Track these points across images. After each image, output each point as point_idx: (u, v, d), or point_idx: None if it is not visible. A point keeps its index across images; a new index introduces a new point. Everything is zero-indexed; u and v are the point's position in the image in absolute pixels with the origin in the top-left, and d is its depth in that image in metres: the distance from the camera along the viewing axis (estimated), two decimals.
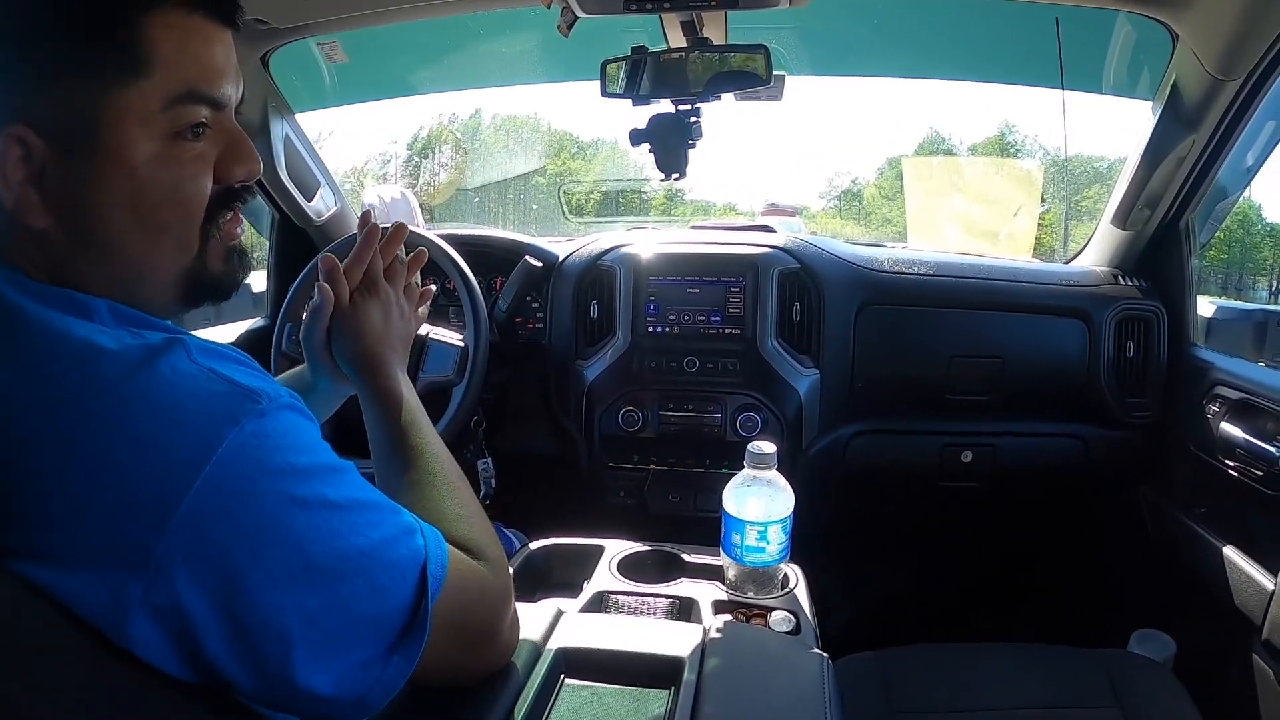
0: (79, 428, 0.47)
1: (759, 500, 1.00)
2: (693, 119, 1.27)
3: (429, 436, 0.76)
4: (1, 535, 0.47)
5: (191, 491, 0.47)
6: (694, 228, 1.90)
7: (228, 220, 0.62)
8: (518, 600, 0.71)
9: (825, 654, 0.86)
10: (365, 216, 0.84)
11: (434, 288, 0.98)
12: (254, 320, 1.83)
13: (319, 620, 0.51)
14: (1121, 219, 1.62)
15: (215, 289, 0.62)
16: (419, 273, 0.91)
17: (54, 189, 0.53)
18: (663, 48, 1.27)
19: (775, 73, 1.23)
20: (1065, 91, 2.09)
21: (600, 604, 1.01)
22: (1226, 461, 1.37)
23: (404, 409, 0.77)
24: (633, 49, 1.24)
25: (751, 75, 1.23)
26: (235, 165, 0.60)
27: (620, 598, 1.02)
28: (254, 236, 1.93)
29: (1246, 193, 1.64)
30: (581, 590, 1.03)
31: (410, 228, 1.26)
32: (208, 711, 0.52)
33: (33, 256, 0.55)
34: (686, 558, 1.11)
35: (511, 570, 1.05)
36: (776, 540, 1.01)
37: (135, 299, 0.57)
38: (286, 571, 0.50)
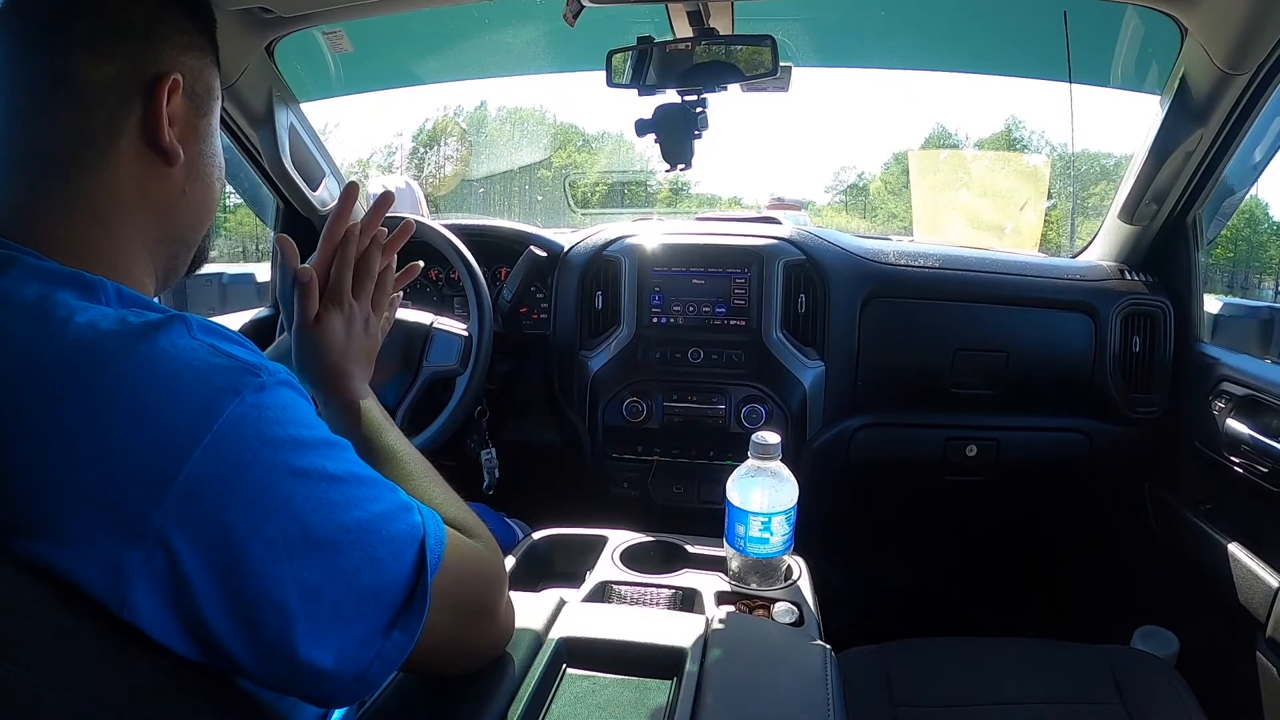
0: (78, 401, 0.48)
1: (763, 491, 1.00)
2: (699, 109, 1.27)
3: (397, 440, 0.76)
4: (2, 513, 0.46)
5: (191, 461, 0.47)
6: (699, 219, 1.89)
7: None
8: (521, 590, 0.72)
9: (828, 646, 0.86)
10: (347, 188, 0.89)
11: (420, 264, 0.97)
12: (258, 310, 1.84)
13: (318, 593, 0.51)
14: (1129, 213, 1.61)
15: (199, 261, 0.72)
16: (395, 258, 0.90)
17: (181, 137, 0.63)
18: (669, 38, 1.27)
19: (781, 64, 1.22)
20: (1073, 85, 2.08)
21: (603, 594, 1.01)
22: (1232, 458, 1.37)
23: (368, 419, 0.77)
24: (639, 39, 1.24)
25: (758, 66, 1.23)
26: None
27: (623, 588, 1.02)
28: (259, 227, 1.93)
29: (1253, 190, 1.64)
30: (584, 580, 1.03)
31: (414, 218, 1.26)
32: (211, 696, 0.52)
33: (55, 234, 0.57)
34: (689, 548, 1.11)
35: (514, 560, 1.07)
36: (780, 531, 1.00)
37: (175, 262, 0.67)
38: (285, 542, 0.50)
